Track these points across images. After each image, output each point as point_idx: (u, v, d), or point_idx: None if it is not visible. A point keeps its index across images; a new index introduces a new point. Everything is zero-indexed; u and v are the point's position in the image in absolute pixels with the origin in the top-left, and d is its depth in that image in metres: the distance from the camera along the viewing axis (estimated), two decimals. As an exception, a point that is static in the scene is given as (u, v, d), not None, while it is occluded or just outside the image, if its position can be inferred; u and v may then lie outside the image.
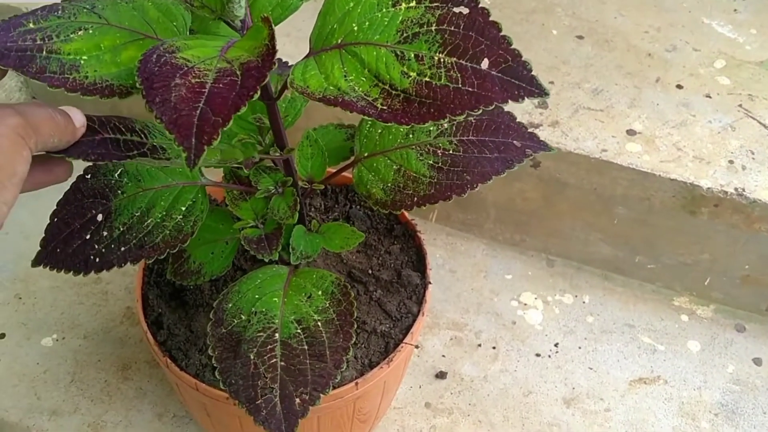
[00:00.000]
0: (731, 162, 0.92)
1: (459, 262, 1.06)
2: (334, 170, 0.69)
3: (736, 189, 0.89)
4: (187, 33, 0.58)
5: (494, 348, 0.96)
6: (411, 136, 0.66)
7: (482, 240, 1.08)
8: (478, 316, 0.99)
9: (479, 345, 0.96)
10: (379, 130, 0.66)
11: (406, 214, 0.80)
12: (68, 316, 0.98)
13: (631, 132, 0.95)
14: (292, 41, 1.02)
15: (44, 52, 0.52)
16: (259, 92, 0.46)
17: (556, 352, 0.96)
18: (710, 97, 1.00)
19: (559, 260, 1.05)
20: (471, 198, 1.03)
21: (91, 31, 0.53)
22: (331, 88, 0.52)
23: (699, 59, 1.05)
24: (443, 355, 0.95)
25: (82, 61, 0.53)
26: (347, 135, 0.70)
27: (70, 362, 0.93)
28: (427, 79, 0.50)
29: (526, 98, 0.49)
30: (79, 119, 0.52)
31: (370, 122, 0.67)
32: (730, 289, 0.98)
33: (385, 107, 0.50)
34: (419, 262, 0.77)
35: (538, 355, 0.95)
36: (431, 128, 0.66)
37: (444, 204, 1.05)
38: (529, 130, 0.65)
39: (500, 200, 1.02)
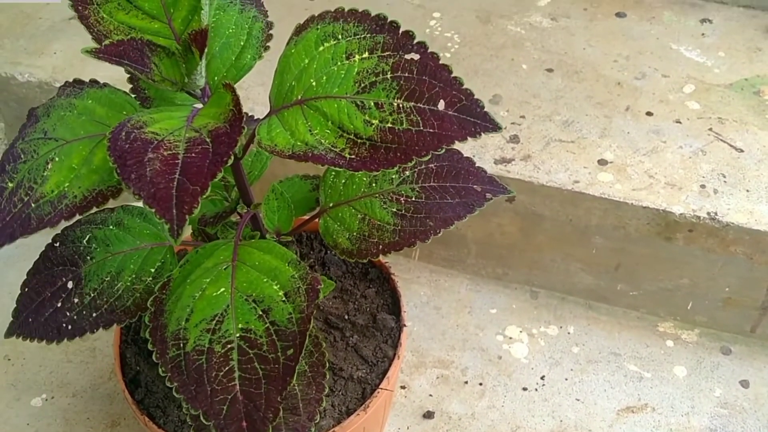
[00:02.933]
0: (703, 186, 0.93)
1: (443, 298, 1.06)
2: (301, 221, 0.70)
3: (708, 213, 0.89)
4: None
5: (481, 384, 0.96)
6: (374, 185, 0.67)
7: (465, 275, 1.08)
8: (464, 352, 0.99)
9: (466, 382, 0.96)
10: (343, 180, 0.68)
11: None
12: (57, 375, 0.98)
13: (602, 162, 0.96)
14: (252, 94, 1.04)
15: (33, 204, 0.54)
16: (232, 157, 0.47)
17: (543, 385, 0.96)
18: (680, 122, 1.01)
19: (543, 292, 1.06)
20: (451, 235, 1.04)
21: (57, 159, 0.56)
22: (299, 143, 0.53)
23: (668, 85, 1.06)
24: (430, 395, 0.95)
25: (65, 189, 0.55)
26: (313, 186, 0.72)
27: (59, 422, 0.94)
28: (389, 125, 0.52)
29: (482, 133, 0.52)
30: None
31: (334, 173, 0.68)
32: (713, 312, 0.99)
33: (353, 156, 0.52)
34: (394, 305, 0.78)
35: (525, 389, 0.95)
36: (394, 176, 0.67)
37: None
38: (489, 174, 0.66)
39: (479, 236, 1.02)
